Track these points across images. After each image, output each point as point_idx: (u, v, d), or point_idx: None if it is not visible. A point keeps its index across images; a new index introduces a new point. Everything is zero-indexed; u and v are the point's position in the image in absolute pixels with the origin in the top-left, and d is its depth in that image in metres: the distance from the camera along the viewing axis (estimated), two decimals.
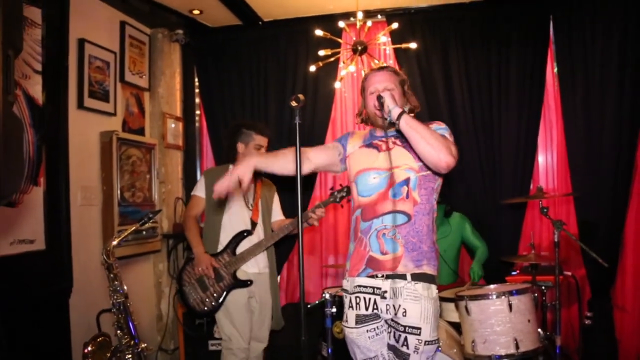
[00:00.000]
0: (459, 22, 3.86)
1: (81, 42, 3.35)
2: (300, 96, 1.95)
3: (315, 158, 2.21)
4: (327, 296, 3.04)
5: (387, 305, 2.05)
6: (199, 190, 3.19)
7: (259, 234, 3.17)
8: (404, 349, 2.01)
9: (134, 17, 3.88)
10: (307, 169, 2.16)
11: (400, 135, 2.05)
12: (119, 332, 2.31)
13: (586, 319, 3.32)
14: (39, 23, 2.92)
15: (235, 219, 3.13)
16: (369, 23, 3.54)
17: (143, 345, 2.32)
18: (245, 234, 3.12)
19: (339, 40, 3.68)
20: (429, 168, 2.06)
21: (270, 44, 4.11)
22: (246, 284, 3.09)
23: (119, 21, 3.74)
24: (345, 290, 2.19)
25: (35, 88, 2.89)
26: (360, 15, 3.48)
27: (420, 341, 1.99)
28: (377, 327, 2.11)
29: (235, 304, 3.04)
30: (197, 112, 4.44)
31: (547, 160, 3.90)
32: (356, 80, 4.19)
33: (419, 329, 1.99)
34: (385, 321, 2.11)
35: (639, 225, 3.37)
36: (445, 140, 1.98)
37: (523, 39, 3.74)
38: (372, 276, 2.08)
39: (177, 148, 4.23)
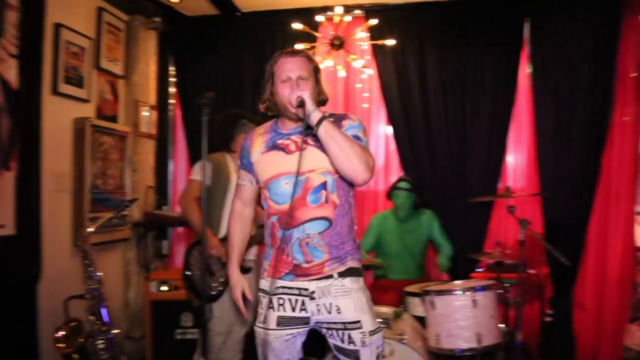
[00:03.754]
0: (435, 20, 3.92)
1: (57, 27, 3.29)
2: (209, 94, 1.94)
3: (249, 201, 2.18)
4: None
5: (317, 305, 1.95)
6: (201, 175, 3.13)
7: (254, 222, 3.23)
8: (351, 346, 1.94)
9: (111, 4, 3.83)
10: (253, 210, 2.20)
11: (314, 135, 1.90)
12: (91, 317, 2.30)
13: (547, 315, 3.44)
14: (16, 6, 2.87)
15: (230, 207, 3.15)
16: (348, 18, 3.57)
17: (116, 331, 2.32)
18: None
19: (317, 34, 3.69)
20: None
21: (248, 35, 4.11)
22: (247, 270, 3.12)
23: (96, 7, 3.68)
24: (264, 291, 2.04)
25: (11, 72, 2.85)
26: (339, 10, 3.50)
27: (364, 334, 1.93)
28: (299, 332, 1.99)
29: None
30: (172, 101, 4.40)
31: (517, 160, 4.00)
32: (331, 75, 4.21)
33: (359, 321, 1.93)
34: (319, 325, 2.00)
35: (602, 226, 3.48)
36: (363, 152, 1.85)
37: (497, 40, 3.82)
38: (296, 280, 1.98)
39: (150, 137, 4.20)
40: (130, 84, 4.03)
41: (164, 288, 3.65)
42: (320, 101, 2.05)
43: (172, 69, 4.35)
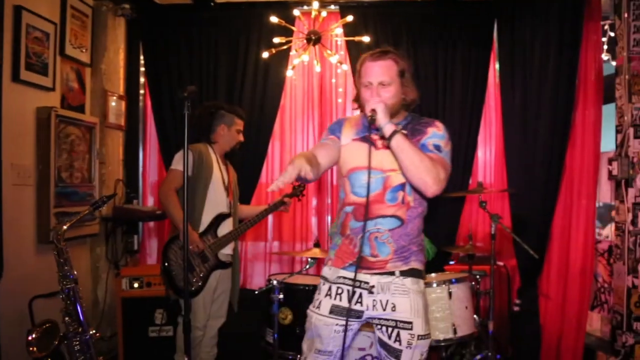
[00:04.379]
0: (409, 19, 3.97)
1: (18, 10, 3.10)
2: (190, 87, 1.91)
3: (323, 161, 2.02)
4: (275, 282, 3.06)
5: (374, 300, 1.99)
6: (182, 165, 3.04)
7: (233, 217, 3.21)
8: (396, 345, 1.95)
9: None
10: (319, 173, 2.02)
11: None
12: (67, 318, 2.21)
13: (515, 305, 3.57)
14: None
15: (214, 200, 3.11)
16: (324, 13, 3.56)
17: (91, 332, 2.24)
18: (225, 216, 3.14)
19: (293, 28, 3.67)
20: None
21: (222, 26, 4.02)
22: (227, 265, 3.15)
23: None
24: (325, 278, 2.08)
25: None
26: (315, 4, 3.48)
27: (413, 336, 1.94)
28: (344, 325, 1.99)
29: (208, 288, 3.07)
30: (142, 91, 4.27)
31: (486, 156, 4.12)
32: (306, 69, 4.20)
33: (411, 323, 1.95)
34: (370, 320, 2.04)
35: (565, 221, 3.64)
36: (434, 166, 1.85)
37: (469, 39, 3.91)
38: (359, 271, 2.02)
39: (118, 128, 4.07)
40: (97, 73, 3.87)
41: (136, 285, 3.56)
42: (404, 105, 2.07)
43: (142, 58, 4.21)
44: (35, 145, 3.29)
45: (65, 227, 2.27)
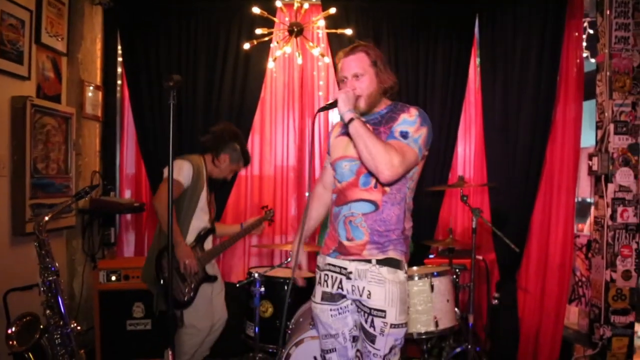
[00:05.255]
0: (391, 13, 3.97)
1: None
2: (176, 76, 1.90)
3: (329, 184, 2.28)
4: (256, 275, 3.05)
5: (352, 286, 2.07)
6: (183, 177, 2.98)
7: (213, 233, 3.28)
8: (371, 330, 2.03)
9: None
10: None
11: (371, 123, 2.07)
12: (48, 312, 2.16)
13: (494, 299, 3.61)
14: None
15: (199, 214, 3.12)
16: (306, 5, 3.54)
17: (72, 325, 2.19)
18: (209, 231, 3.19)
19: (275, 19, 3.63)
20: None
21: (202, 16, 3.95)
22: (213, 279, 3.16)
23: None
24: (318, 266, 2.22)
25: None
26: None
27: (385, 324, 2.00)
28: (341, 307, 2.13)
29: (203, 297, 3.08)
30: (119, 81, 4.19)
31: (466, 151, 4.15)
32: (287, 62, 4.17)
33: (384, 311, 2.00)
34: (354, 302, 2.12)
35: (545, 215, 3.68)
36: (387, 152, 1.88)
37: (450, 35, 3.94)
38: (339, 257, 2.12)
39: (95, 119, 3.98)
40: (74, 62, 3.77)
41: (114, 278, 3.50)
42: (385, 91, 2.13)
43: (119, 48, 4.12)
44: (10, 136, 3.19)
45: (47, 218, 2.21)
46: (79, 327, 2.25)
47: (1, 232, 3.10)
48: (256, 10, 3.44)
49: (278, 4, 3.52)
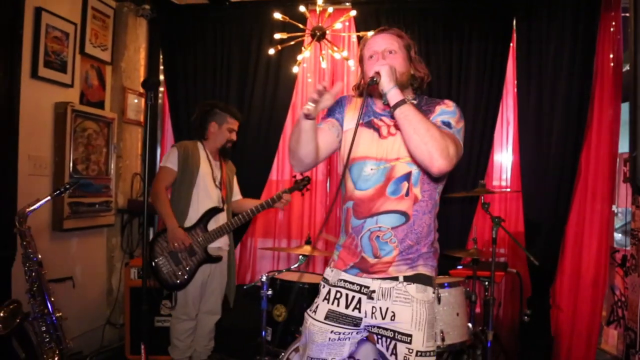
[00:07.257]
0: (423, 14, 3.84)
1: (38, 11, 3.32)
2: (154, 79, 1.89)
3: (321, 147, 1.85)
4: (264, 278, 3.06)
5: (373, 307, 1.78)
6: (170, 162, 3.16)
7: (226, 212, 3.28)
8: (392, 358, 1.74)
9: None
10: (317, 160, 1.87)
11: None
12: (31, 300, 2.32)
13: (525, 315, 3.36)
14: None
15: (203, 194, 3.18)
16: (330, 9, 3.52)
17: (58, 314, 2.33)
18: (216, 211, 3.20)
19: (300, 25, 3.65)
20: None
21: (236, 25, 4.09)
22: (216, 259, 3.20)
23: None
24: (326, 280, 1.89)
25: None
26: (320, 1, 3.45)
27: (410, 351, 1.72)
28: (344, 333, 1.82)
29: (195, 280, 3.14)
30: (162, 89, 4.42)
31: (503, 158, 3.91)
32: (318, 67, 4.17)
33: (410, 335, 1.72)
34: (369, 329, 1.84)
35: (579, 228, 3.39)
36: (443, 137, 1.63)
37: (485, 37, 3.72)
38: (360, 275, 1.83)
39: (137, 124, 4.23)
40: (117, 71, 4.05)
41: None
42: (415, 80, 1.86)
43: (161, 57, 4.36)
44: (53, 138, 3.49)
45: (27, 210, 2.37)
46: (65, 317, 2.37)
47: (42, 228, 3.38)
48: (277, 16, 3.48)
49: (301, 9, 3.54)
